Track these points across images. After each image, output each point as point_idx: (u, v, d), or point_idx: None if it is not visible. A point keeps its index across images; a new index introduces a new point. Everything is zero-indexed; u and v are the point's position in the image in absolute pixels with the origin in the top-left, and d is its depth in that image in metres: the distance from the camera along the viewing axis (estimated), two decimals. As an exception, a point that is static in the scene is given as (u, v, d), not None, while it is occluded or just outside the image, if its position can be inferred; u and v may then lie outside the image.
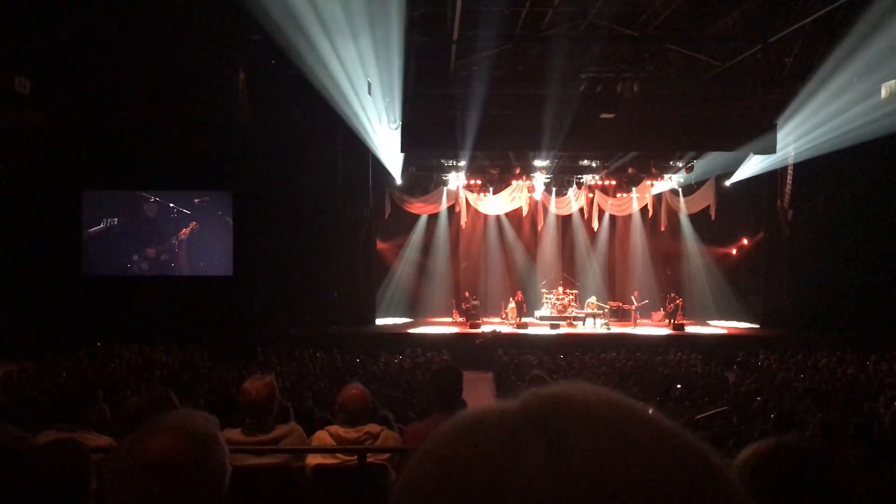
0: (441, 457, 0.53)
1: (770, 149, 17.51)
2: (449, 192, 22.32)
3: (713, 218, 21.70)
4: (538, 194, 22.53)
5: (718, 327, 20.99)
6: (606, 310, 21.41)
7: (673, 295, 21.45)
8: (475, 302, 21.11)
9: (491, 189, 22.34)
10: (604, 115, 16.76)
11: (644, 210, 23.11)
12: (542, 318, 20.94)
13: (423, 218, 22.77)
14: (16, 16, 13.73)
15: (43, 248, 18.24)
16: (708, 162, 20.57)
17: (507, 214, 23.04)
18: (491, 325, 20.07)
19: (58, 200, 18.63)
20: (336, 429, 4.09)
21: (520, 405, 0.55)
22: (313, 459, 4.01)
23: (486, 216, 23.13)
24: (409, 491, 0.53)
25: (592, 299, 21.34)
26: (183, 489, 1.26)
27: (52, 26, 14.36)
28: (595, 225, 23.09)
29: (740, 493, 0.53)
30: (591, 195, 22.81)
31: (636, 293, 22.04)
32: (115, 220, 19.74)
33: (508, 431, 0.52)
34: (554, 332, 19.58)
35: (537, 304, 21.88)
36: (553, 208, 22.99)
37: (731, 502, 0.52)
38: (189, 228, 19.79)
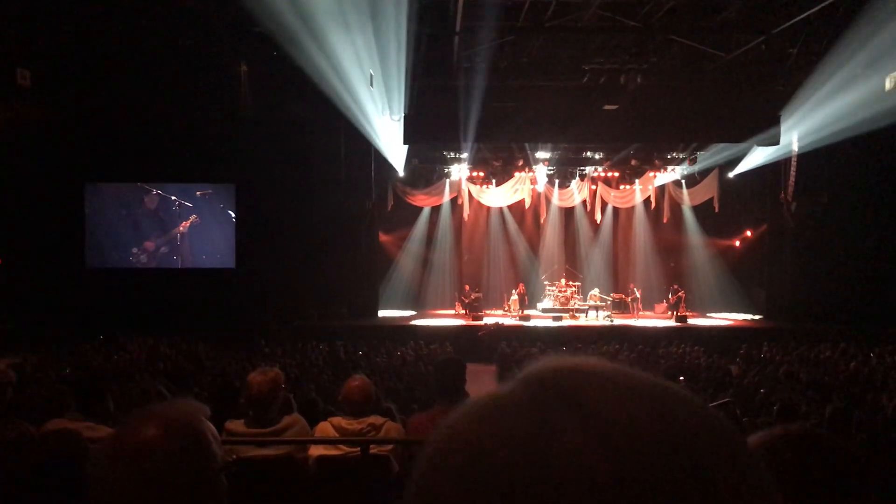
0: (467, 450, 0.51)
1: (774, 140, 17.50)
2: (452, 184, 22.30)
3: (716, 210, 21.66)
4: (541, 186, 22.51)
5: (721, 319, 20.97)
6: (609, 302, 21.42)
7: (676, 287, 21.45)
8: (477, 295, 21.11)
9: (494, 181, 22.32)
10: (607, 107, 16.72)
11: (647, 202, 23.10)
12: (544, 311, 20.94)
13: (426, 210, 22.77)
14: (17, 8, 13.72)
15: (46, 241, 18.27)
16: (711, 153, 20.54)
17: (509, 206, 23.05)
18: (493, 318, 20.08)
19: (60, 193, 18.66)
20: (339, 420, 4.09)
21: (529, 381, 0.54)
22: (316, 451, 4.02)
23: (488, 208, 23.13)
24: (435, 489, 0.51)
25: (595, 291, 21.35)
26: (166, 478, 1.26)
27: (54, 18, 14.34)
28: (598, 217, 23.09)
29: (753, 450, 0.54)
30: (593, 187, 22.79)
31: (631, 285, 22.05)
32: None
33: (535, 411, 0.51)
34: (556, 324, 19.58)
35: (540, 297, 21.89)
36: (556, 200, 22.97)
37: (753, 460, 0.53)
38: (189, 221, 19.80)
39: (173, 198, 19.84)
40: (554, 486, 0.47)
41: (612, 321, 20.18)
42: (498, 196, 22.47)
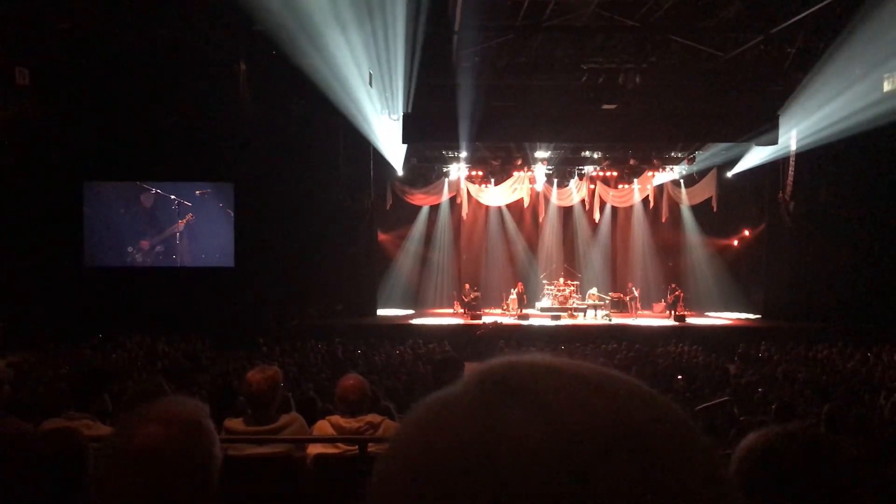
0: (418, 453, 0.50)
1: (772, 140, 17.52)
2: (450, 184, 22.30)
3: (715, 209, 21.67)
4: (539, 185, 22.52)
5: (720, 318, 20.99)
6: (608, 301, 21.43)
7: (673, 286, 21.46)
8: (476, 294, 21.09)
9: (492, 180, 22.32)
10: (606, 107, 16.74)
11: (645, 201, 23.10)
12: (543, 310, 20.94)
13: (425, 209, 22.77)
14: (16, 5, 13.70)
15: (44, 240, 18.25)
16: (710, 153, 20.56)
17: (508, 206, 23.04)
18: (492, 317, 20.08)
19: (59, 191, 18.64)
20: (337, 419, 4.09)
21: (486, 378, 0.54)
22: (314, 449, 4.02)
23: (487, 207, 23.13)
24: (390, 494, 0.51)
25: (593, 291, 21.35)
26: (170, 476, 1.27)
27: (53, 16, 14.32)
28: (596, 216, 23.09)
29: (698, 430, 0.54)
30: (592, 186, 22.79)
31: (630, 284, 22.06)
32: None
33: (485, 408, 0.50)
34: (555, 323, 19.59)
35: (538, 296, 21.89)
36: (554, 199, 22.97)
37: (698, 437, 0.53)
38: (185, 220, 19.78)
39: (172, 197, 19.83)
40: (506, 485, 0.46)
41: (610, 320, 20.18)
42: (496, 195, 22.47)
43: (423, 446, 0.50)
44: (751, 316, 21.09)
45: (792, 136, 17.86)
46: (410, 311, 21.65)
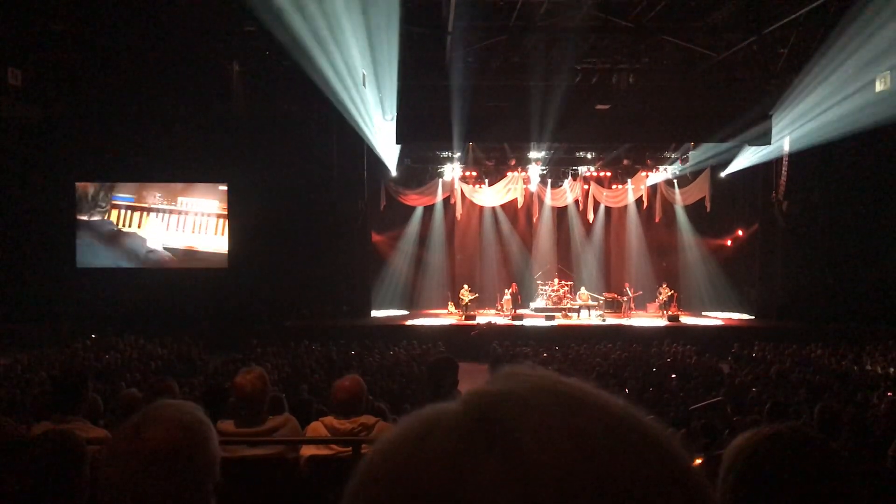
0: (390, 471, 0.50)
1: (765, 140, 17.57)
2: (444, 184, 22.28)
3: (708, 209, 21.71)
4: (533, 186, 22.52)
5: (714, 318, 21.02)
6: (601, 301, 21.44)
7: (665, 286, 21.49)
8: (473, 296, 20.99)
9: (486, 181, 22.31)
10: (599, 107, 16.75)
11: (639, 201, 23.10)
12: (537, 310, 20.94)
13: (419, 210, 22.73)
14: (8, 7, 13.66)
15: (37, 241, 18.20)
16: (703, 153, 20.59)
17: (502, 206, 23.03)
18: (486, 317, 20.08)
19: (51, 192, 18.59)
20: (331, 420, 4.08)
21: (465, 407, 0.52)
22: (308, 450, 4.01)
23: (481, 208, 23.11)
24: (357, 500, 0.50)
25: (583, 291, 21.35)
26: (178, 477, 1.28)
27: (45, 17, 14.28)
28: (590, 216, 23.09)
29: (696, 475, 0.51)
30: (586, 187, 22.80)
31: (626, 284, 22.08)
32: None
33: (459, 439, 0.49)
34: (549, 323, 19.59)
35: (532, 296, 21.89)
36: (548, 200, 22.97)
37: (688, 487, 0.50)
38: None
39: (157, 195, 19.80)
40: None
41: (604, 320, 20.20)
42: (490, 196, 22.47)
43: (394, 471, 0.50)
44: (744, 316, 21.13)
45: (785, 136, 17.91)
46: (405, 312, 21.63)
